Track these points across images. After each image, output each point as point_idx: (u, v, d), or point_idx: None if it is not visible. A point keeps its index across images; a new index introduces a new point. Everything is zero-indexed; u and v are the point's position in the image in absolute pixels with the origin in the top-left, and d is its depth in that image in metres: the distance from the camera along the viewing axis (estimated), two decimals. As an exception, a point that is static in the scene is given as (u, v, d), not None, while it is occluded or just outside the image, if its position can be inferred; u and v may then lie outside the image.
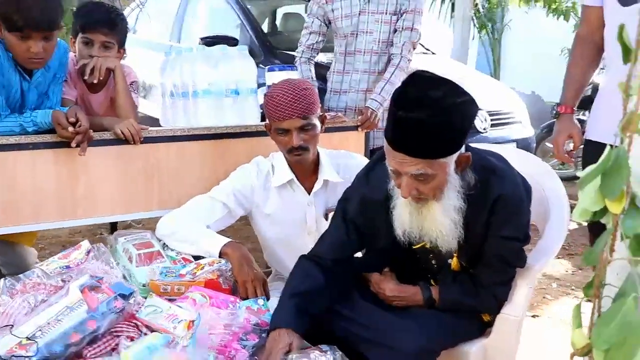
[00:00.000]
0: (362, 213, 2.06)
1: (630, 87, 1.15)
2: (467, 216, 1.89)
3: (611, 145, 1.17)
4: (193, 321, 1.83)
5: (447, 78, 1.80)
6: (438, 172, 1.78)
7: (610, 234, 1.19)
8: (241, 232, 4.29)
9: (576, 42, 2.55)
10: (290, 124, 2.32)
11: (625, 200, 1.17)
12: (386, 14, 3.34)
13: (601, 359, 1.19)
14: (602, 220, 1.23)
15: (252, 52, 4.91)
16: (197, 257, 2.28)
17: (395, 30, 3.36)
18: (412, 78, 1.81)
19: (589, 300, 1.27)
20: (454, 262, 2.06)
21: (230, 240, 2.27)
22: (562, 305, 3.83)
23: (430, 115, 1.71)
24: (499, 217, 1.91)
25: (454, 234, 1.90)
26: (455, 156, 1.81)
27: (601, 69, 2.79)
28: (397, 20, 3.35)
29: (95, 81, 2.60)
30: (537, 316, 3.69)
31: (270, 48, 5.01)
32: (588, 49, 2.50)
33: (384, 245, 2.08)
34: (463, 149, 1.86)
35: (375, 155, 2.13)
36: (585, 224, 3.68)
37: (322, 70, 3.66)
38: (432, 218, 1.88)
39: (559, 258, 4.55)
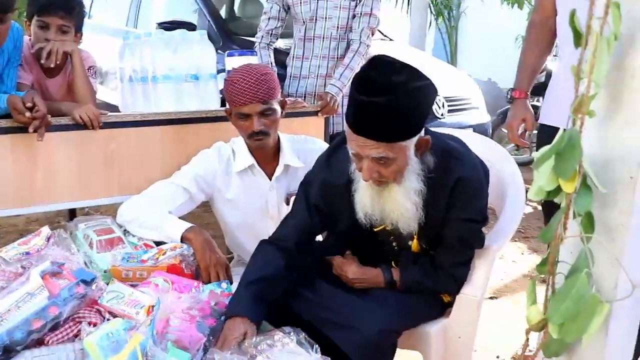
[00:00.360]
0: (323, 196, 2.08)
1: (582, 70, 1.19)
2: (427, 198, 1.92)
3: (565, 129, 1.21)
4: (153, 306, 1.83)
5: (407, 63, 1.82)
6: (398, 156, 1.81)
7: (564, 212, 1.24)
8: (201, 218, 4.26)
9: (530, 28, 2.60)
10: (250, 109, 2.32)
11: (578, 179, 1.21)
12: (345, -1, 3.36)
13: (556, 333, 1.24)
14: (556, 200, 1.27)
15: (210, 38, 4.88)
16: (159, 243, 2.27)
17: (354, 16, 3.38)
18: (372, 62, 1.82)
19: (544, 281, 1.31)
20: (414, 244, 2.10)
21: (193, 225, 2.27)
22: (519, 286, 3.92)
23: (390, 99, 1.73)
24: (458, 200, 1.94)
25: (414, 216, 1.93)
26: (415, 140, 1.84)
27: (554, 55, 2.84)
28: (356, 6, 3.36)
29: (52, 65, 2.55)
30: (495, 298, 3.76)
31: (229, 34, 4.98)
32: (542, 35, 2.56)
33: (345, 228, 2.10)
34: (423, 132, 1.88)
35: (336, 139, 2.15)
36: (540, 207, 3.77)
37: (281, 56, 3.65)
38: (393, 200, 1.91)
39: (515, 241, 4.65)
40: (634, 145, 1.25)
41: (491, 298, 3.74)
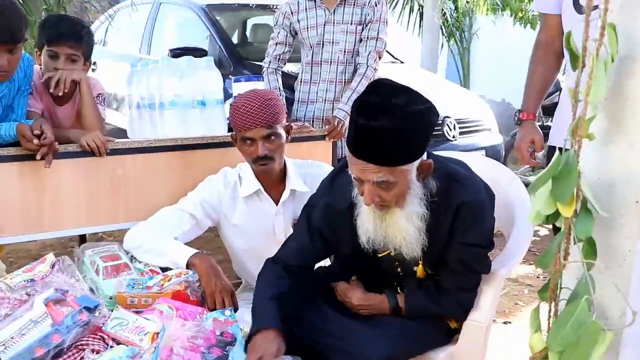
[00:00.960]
0: (326, 220, 2.08)
1: (579, 92, 1.18)
2: (430, 223, 1.91)
3: (560, 149, 1.20)
4: (158, 333, 1.82)
5: (408, 86, 1.82)
6: (400, 180, 1.80)
7: (563, 237, 1.22)
8: (212, 242, 4.26)
9: (536, 49, 2.59)
10: (255, 134, 2.33)
11: (576, 203, 1.19)
12: (351, 24, 3.38)
13: (556, 361, 1.21)
14: (557, 224, 1.25)
15: (221, 63, 4.95)
16: (165, 269, 2.27)
17: (360, 40, 3.39)
18: (373, 86, 1.84)
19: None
20: (419, 270, 2.08)
21: (198, 251, 2.27)
22: (533, 310, 3.87)
23: (390, 122, 1.72)
24: (461, 224, 1.93)
25: (417, 241, 1.92)
26: (416, 163, 1.83)
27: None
28: (363, 30, 3.38)
29: (60, 94, 2.58)
30: (509, 322, 3.72)
31: (240, 59, 5.02)
32: (548, 56, 2.55)
33: (348, 253, 2.09)
34: (425, 156, 1.88)
35: (339, 163, 2.14)
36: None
37: (290, 80, 3.68)
38: (395, 225, 1.90)
39: (530, 264, 4.59)
40: (639, 169, 1.23)
41: (505, 323, 3.69)
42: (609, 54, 1.16)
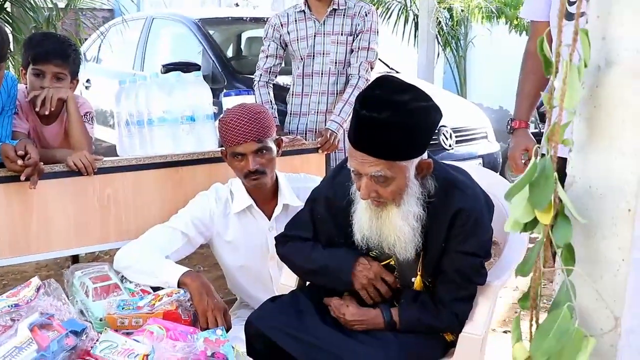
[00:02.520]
0: (329, 215, 2.08)
1: (553, 98, 1.15)
2: (426, 225, 1.89)
3: (541, 154, 1.17)
4: (147, 355, 1.78)
5: (413, 84, 1.83)
6: (397, 176, 1.80)
7: (542, 245, 1.18)
8: (210, 259, 4.23)
9: (526, 57, 2.57)
10: (245, 148, 2.30)
11: (554, 210, 1.16)
12: (342, 34, 3.35)
13: (541, 371, 1.17)
14: (535, 232, 1.22)
15: (215, 78, 4.93)
16: (156, 289, 2.23)
17: (351, 51, 3.37)
18: (378, 81, 1.84)
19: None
20: (417, 282, 2.04)
21: (189, 269, 2.23)
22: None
23: (392, 116, 1.73)
24: (458, 232, 1.91)
25: (411, 241, 1.90)
26: (415, 161, 1.84)
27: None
28: (353, 40, 3.36)
29: (46, 112, 2.55)
30: (509, 332, 3.66)
31: (234, 73, 5.01)
32: (538, 63, 2.49)
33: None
34: (425, 156, 1.87)
35: (341, 161, 2.14)
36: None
37: (282, 93, 3.65)
38: (391, 223, 1.88)
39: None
40: (631, 177, 1.19)
41: (505, 332, 3.64)
42: (582, 60, 1.13)
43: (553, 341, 1.12)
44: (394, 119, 1.73)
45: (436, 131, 4.45)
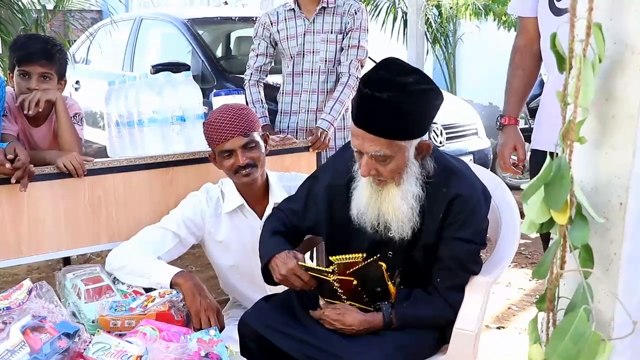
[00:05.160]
0: (326, 194, 2.12)
1: (567, 95, 1.14)
2: (424, 206, 1.94)
3: (551, 154, 1.16)
4: (141, 356, 1.77)
5: (417, 67, 1.89)
6: (397, 155, 1.85)
7: (559, 246, 1.17)
8: (202, 259, 4.23)
9: (514, 53, 2.57)
10: (233, 144, 2.31)
11: (570, 210, 1.15)
12: (332, 33, 3.34)
13: (557, 374, 1.16)
14: (551, 232, 1.21)
15: (205, 78, 4.92)
16: (149, 290, 2.22)
17: (341, 49, 3.36)
18: (383, 62, 1.87)
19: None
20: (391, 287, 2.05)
21: (182, 270, 2.22)
22: (527, 315, 3.83)
23: (393, 96, 1.77)
24: (455, 218, 1.95)
25: (409, 221, 1.94)
26: (415, 142, 1.88)
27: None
28: (343, 38, 3.35)
29: (32, 113, 2.53)
30: (503, 327, 3.68)
31: (223, 72, 5.00)
32: (527, 60, 2.52)
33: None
34: (426, 137, 1.92)
35: (346, 142, 2.16)
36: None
37: (273, 92, 3.64)
38: (390, 201, 1.93)
39: (522, 268, 4.57)
40: (622, 170, 1.19)
41: (498, 328, 3.65)
42: (596, 55, 1.12)
43: (569, 344, 1.10)
44: (395, 99, 1.77)
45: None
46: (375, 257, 1.92)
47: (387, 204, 1.93)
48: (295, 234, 2.22)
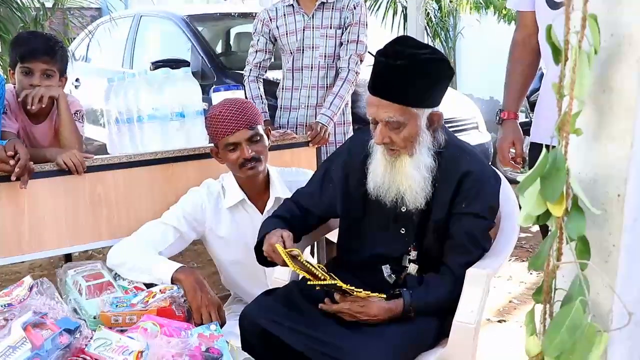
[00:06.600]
0: (343, 173, 2.20)
1: (563, 87, 1.14)
2: (436, 177, 2.01)
3: (547, 146, 1.16)
4: (142, 352, 1.78)
5: (431, 45, 1.97)
6: (409, 122, 1.95)
7: (555, 238, 1.17)
8: (204, 255, 4.24)
9: (513, 47, 2.57)
10: (238, 137, 2.32)
11: (567, 202, 1.15)
12: (331, 28, 3.34)
13: (554, 366, 1.16)
14: (548, 224, 1.21)
15: (204, 74, 4.92)
16: (150, 285, 2.23)
17: (341, 44, 3.36)
18: (398, 38, 2.03)
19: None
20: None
21: (183, 265, 2.23)
22: (528, 309, 3.80)
23: (407, 63, 1.89)
24: (466, 194, 2.02)
25: (422, 191, 2.01)
26: (427, 111, 1.98)
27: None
28: (342, 34, 3.35)
29: (35, 109, 2.53)
30: (504, 321, 3.68)
31: (223, 68, 4.99)
32: (526, 54, 2.52)
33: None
34: (437, 109, 2.01)
35: (361, 128, 2.28)
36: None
37: (273, 87, 3.64)
38: (404, 171, 2.00)
39: (523, 261, 4.57)
40: (620, 162, 1.20)
41: (500, 321, 3.65)
42: (592, 46, 1.12)
43: (565, 336, 1.10)
44: (409, 66, 1.89)
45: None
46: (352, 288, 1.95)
47: (401, 175, 2.01)
48: (305, 221, 2.27)
